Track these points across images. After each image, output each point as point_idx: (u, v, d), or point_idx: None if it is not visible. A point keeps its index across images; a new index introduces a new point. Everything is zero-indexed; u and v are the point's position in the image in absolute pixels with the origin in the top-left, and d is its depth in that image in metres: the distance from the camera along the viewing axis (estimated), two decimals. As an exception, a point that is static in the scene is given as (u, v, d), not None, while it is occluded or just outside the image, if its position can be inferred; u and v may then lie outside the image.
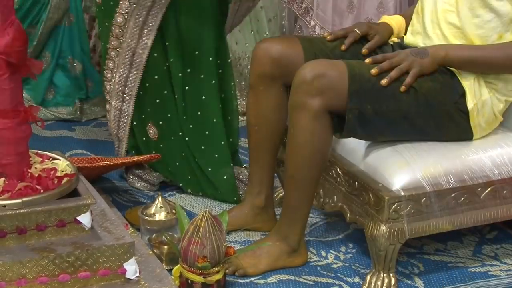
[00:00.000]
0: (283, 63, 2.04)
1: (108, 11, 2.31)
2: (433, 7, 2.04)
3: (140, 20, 2.28)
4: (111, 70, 2.38)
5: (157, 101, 2.39)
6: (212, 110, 2.39)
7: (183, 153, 2.42)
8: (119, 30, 2.31)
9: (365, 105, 1.88)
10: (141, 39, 2.31)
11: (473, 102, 1.95)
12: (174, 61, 2.35)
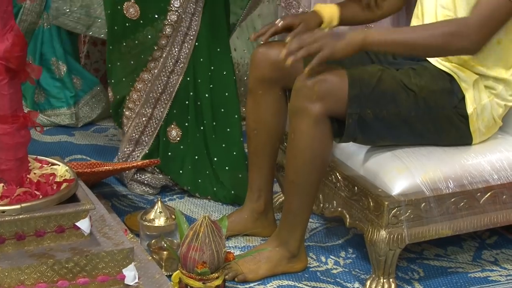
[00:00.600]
0: (281, 67, 2.00)
1: (152, 25, 2.32)
2: (433, 11, 2.03)
3: (185, 27, 2.31)
4: (144, 81, 2.38)
5: (186, 102, 2.41)
6: (234, 106, 2.42)
7: (196, 156, 2.43)
8: (165, 40, 2.33)
9: (365, 110, 1.88)
10: (184, 45, 2.34)
11: (472, 107, 1.95)
12: (203, 61, 2.37)
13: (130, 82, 2.41)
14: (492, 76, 1.98)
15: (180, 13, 2.29)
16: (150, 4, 2.30)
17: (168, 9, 2.29)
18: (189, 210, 2.41)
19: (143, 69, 2.38)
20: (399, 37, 1.86)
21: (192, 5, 2.29)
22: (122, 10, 2.32)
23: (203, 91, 2.39)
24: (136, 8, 2.32)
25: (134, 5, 2.31)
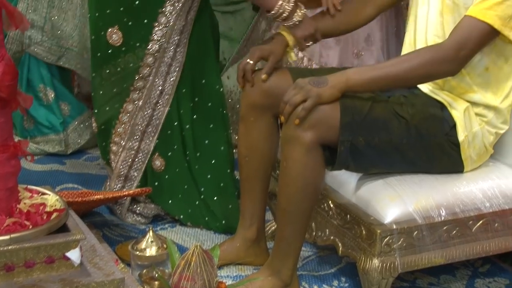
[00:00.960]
0: (273, 94, 2.05)
1: (134, 52, 2.32)
2: (423, 38, 2.06)
3: (169, 57, 2.31)
4: (128, 112, 2.38)
5: (168, 132, 2.40)
6: (219, 138, 2.41)
7: (186, 186, 2.43)
8: (147, 70, 2.32)
9: (357, 137, 1.88)
10: (168, 76, 2.34)
11: (464, 134, 1.95)
12: (185, 92, 2.37)
13: (114, 113, 2.40)
14: (483, 103, 1.99)
15: (163, 43, 2.29)
16: (133, 32, 2.30)
17: (150, 39, 2.29)
18: (181, 239, 2.39)
19: (126, 100, 2.37)
20: (380, 73, 1.90)
21: (177, 36, 2.29)
22: (106, 36, 2.32)
23: (185, 121, 2.39)
24: (119, 34, 2.31)
25: (118, 31, 2.31)
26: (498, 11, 1.85)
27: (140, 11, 2.26)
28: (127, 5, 2.26)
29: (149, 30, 2.27)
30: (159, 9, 2.25)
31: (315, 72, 2.15)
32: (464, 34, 1.87)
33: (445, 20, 1.99)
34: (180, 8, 2.26)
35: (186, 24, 2.30)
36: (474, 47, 1.89)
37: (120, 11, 2.27)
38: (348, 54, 2.89)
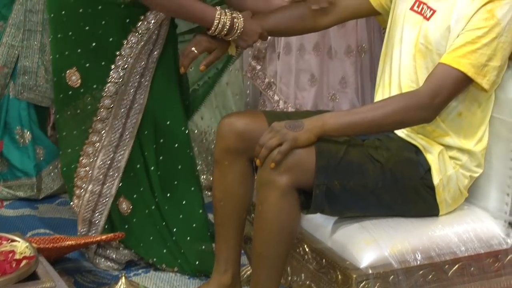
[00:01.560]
0: (248, 137, 2.06)
1: (91, 94, 2.31)
2: (397, 81, 2.09)
3: (128, 100, 2.31)
4: (89, 155, 2.36)
5: (131, 174, 2.39)
6: (189, 178, 2.41)
7: (157, 227, 2.40)
8: (105, 113, 2.31)
9: (332, 181, 1.89)
10: (128, 119, 2.33)
11: (438, 178, 1.97)
12: (148, 134, 2.36)
13: (75, 155, 2.39)
14: (457, 147, 2.02)
15: (121, 85, 2.29)
16: (90, 74, 2.30)
17: (107, 81, 2.29)
18: (155, 285, 2.37)
19: (85, 142, 2.36)
20: (356, 118, 1.93)
21: (137, 79, 2.30)
22: (65, 77, 2.32)
23: (150, 163, 2.38)
24: (77, 76, 2.31)
25: (76, 73, 2.31)
26: (472, 59, 1.89)
27: (97, 53, 2.27)
28: (84, 47, 2.27)
29: (106, 72, 2.28)
30: (116, 52, 2.26)
31: (291, 115, 2.17)
32: (439, 81, 1.91)
33: (418, 64, 2.02)
34: (140, 51, 2.27)
35: (147, 67, 2.31)
36: (448, 95, 1.92)
37: (78, 52, 2.28)
38: (323, 96, 2.92)
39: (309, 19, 2.23)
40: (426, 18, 2.02)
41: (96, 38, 2.25)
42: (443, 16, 1.97)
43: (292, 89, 2.89)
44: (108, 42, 2.25)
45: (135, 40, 2.25)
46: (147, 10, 2.24)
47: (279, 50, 2.87)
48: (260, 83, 2.98)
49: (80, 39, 2.26)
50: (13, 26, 3.00)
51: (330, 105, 2.88)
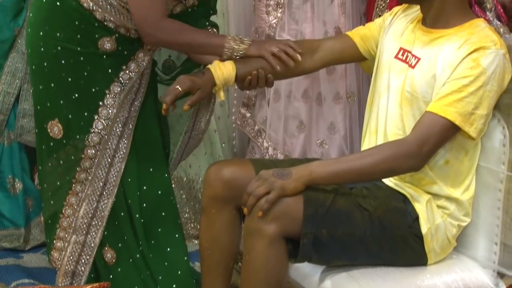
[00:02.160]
0: (235, 185, 2.07)
1: (74, 145, 2.30)
2: (383, 129, 2.11)
3: (111, 149, 2.30)
4: (72, 205, 2.34)
5: (115, 223, 2.36)
6: (173, 225, 2.39)
7: (142, 276, 2.37)
8: (89, 162, 2.30)
9: (320, 230, 1.90)
10: (111, 168, 2.32)
11: (426, 227, 1.98)
12: (131, 181, 2.35)
13: (58, 206, 2.36)
14: (444, 195, 2.03)
15: (104, 135, 2.29)
16: (72, 124, 2.29)
17: (90, 131, 2.28)
18: (141, 334, 2.33)
19: (69, 192, 2.33)
20: (344, 167, 1.95)
21: (119, 127, 2.30)
22: (47, 129, 2.31)
23: (134, 211, 2.37)
24: (59, 127, 2.29)
25: (58, 124, 2.29)
26: (458, 108, 1.92)
27: (80, 104, 2.27)
28: (66, 98, 2.27)
29: (89, 122, 2.27)
30: (99, 102, 2.26)
31: (278, 163, 2.18)
32: (426, 130, 1.93)
33: (404, 112, 2.05)
34: (122, 100, 2.28)
35: (129, 116, 2.31)
36: (436, 143, 1.94)
37: (60, 104, 2.27)
38: (311, 143, 2.93)
39: (295, 65, 2.24)
40: (411, 66, 2.06)
41: (78, 89, 2.25)
42: (428, 64, 2.01)
43: (281, 135, 2.90)
44: (91, 93, 2.25)
45: (118, 90, 2.26)
46: (129, 59, 2.26)
47: (268, 97, 2.88)
48: (249, 130, 2.98)
49: (62, 90, 2.26)
50: (9, 74, 3.02)
51: (318, 152, 2.89)
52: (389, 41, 2.16)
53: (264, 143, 2.92)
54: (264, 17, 2.83)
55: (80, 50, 2.20)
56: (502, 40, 1.99)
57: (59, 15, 2.21)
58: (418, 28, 2.09)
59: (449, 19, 2.02)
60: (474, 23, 2.01)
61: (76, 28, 2.19)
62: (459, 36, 1.98)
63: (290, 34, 2.80)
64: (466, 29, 1.99)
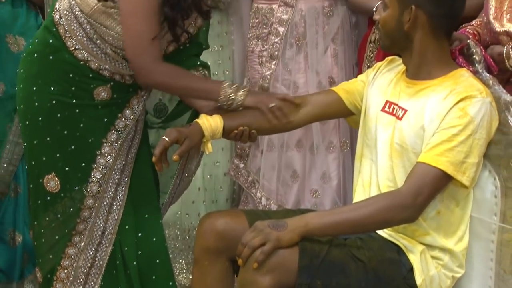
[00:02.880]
0: (228, 237, 2.08)
1: (72, 197, 2.30)
2: (376, 181, 2.13)
3: (109, 197, 2.30)
4: (70, 257, 2.33)
5: (114, 272, 2.35)
6: (166, 273, 2.37)
7: None
8: (87, 212, 2.30)
9: (315, 281, 1.90)
10: (110, 215, 2.32)
11: (421, 278, 1.98)
12: (129, 229, 2.34)
13: (56, 259, 2.34)
14: (438, 246, 2.04)
15: (102, 183, 2.29)
16: (70, 176, 2.29)
17: (88, 181, 2.28)
18: None
19: (67, 244, 2.32)
20: (339, 218, 1.97)
21: (117, 176, 2.30)
22: (43, 183, 2.30)
23: (130, 259, 2.35)
24: (56, 180, 2.29)
25: (55, 177, 2.29)
26: (450, 157, 1.94)
27: (76, 155, 2.27)
28: (62, 151, 2.27)
29: (87, 172, 2.28)
30: (97, 151, 2.27)
31: (271, 214, 2.21)
32: (419, 180, 1.95)
33: (395, 163, 2.07)
34: (120, 148, 2.29)
35: (126, 163, 2.32)
36: (430, 193, 1.96)
37: (56, 157, 2.27)
38: (305, 192, 2.97)
39: (281, 119, 2.27)
40: (398, 118, 2.09)
41: (75, 141, 2.26)
42: (415, 115, 2.04)
43: (274, 185, 2.94)
44: (88, 143, 2.27)
45: (115, 138, 2.28)
46: (124, 107, 2.28)
47: (262, 147, 2.93)
48: (243, 181, 3.02)
49: (58, 144, 2.27)
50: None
51: (312, 201, 2.93)
52: (374, 95, 2.20)
53: (258, 194, 2.96)
54: (257, 68, 2.94)
55: (75, 103, 2.22)
56: (487, 89, 2.03)
57: (52, 69, 2.23)
58: (402, 80, 2.14)
59: (431, 70, 2.07)
60: (457, 72, 2.06)
61: (71, 81, 2.21)
62: (444, 86, 2.03)
63: (284, 84, 2.89)
64: (450, 79, 2.04)
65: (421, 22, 2.04)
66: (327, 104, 2.30)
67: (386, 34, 2.12)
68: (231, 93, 2.21)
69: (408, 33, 2.05)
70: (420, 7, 2.02)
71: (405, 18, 2.04)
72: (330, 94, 2.32)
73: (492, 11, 2.29)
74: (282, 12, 2.87)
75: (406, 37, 2.06)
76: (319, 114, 2.32)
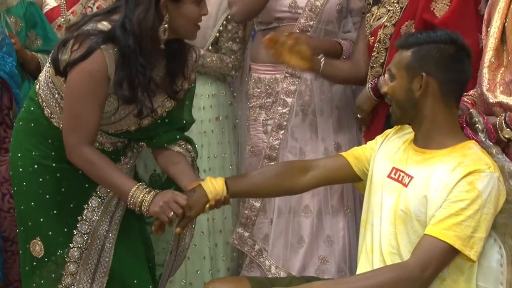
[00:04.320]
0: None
1: (56, 263, 2.32)
2: (379, 248, 2.13)
3: (93, 264, 2.32)
4: None
5: None
6: None
7: None
8: (71, 278, 2.32)
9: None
10: (94, 283, 2.33)
11: None
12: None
13: None
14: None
15: (84, 250, 2.32)
16: (53, 241, 2.32)
17: (70, 246, 2.31)
18: None
19: None
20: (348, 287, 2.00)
21: (100, 242, 2.33)
22: (30, 248, 2.35)
23: None
24: (40, 245, 2.33)
25: (39, 242, 2.34)
26: (458, 231, 1.96)
27: (58, 220, 2.31)
28: (45, 215, 2.32)
29: (69, 237, 2.31)
30: (78, 217, 2.31)
31: (275, 281, 2.25)
32: (427, 253, 1.97)
33: (398, 230, 2.08)
34: (102, 214, 2.32)
35: (110, 229, 2.34)
36: (437, 267, 1.97)
37: (40, 222, 2.32)
38: (313, 257, 2.98)
39: (287, 180, 2.31)
40: (404, 184, 2.10)
41: (56, 205, 2.30)
42: (421, 183, 2.05)
43: (281, 250, 2.96)
44: (69, 208, 2.31)
45: (96, 204, 2.32)
46: None
47: (271, 216, 2.97)
48: (249, 249, 3.04)
49: (41, 208, 2.32)
50: None
51: (317, 266, 2.95)
52: (381, 161, 2.23)
53: (267, 262, 2.98)
54: (261, 136, 3.00)
55: (55, 166, 2.29)
56: (495, 162, 2.04)
57: (34, 134, 2.31)
58: (410, 148, 2.16)
59: (440, 139, 2.09)
60: (466, 145, 2.07)
61: (50, 146, 2.29)
62: (452, 157, 2.04)
63: (291, 152, 2.94)
64: (458, 151, 2.05)
65: (431, 89, 2.07)
66: (336, 168, 2.33)
67: (396, 104, 2.14)
68: (141, 195, 2.18)
69: (419, 101, 2.09)
70: (430, 74, 2.07)
71: (415, 86, 2.08)
72: (339, 159, 2.35)
73: (486, 83, 2.33)
74: (289, 83, 2.95)
75: (416, 105, 2.10)
76: (327, 178, 2.35)
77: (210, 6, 2.90)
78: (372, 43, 2.75)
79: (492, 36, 2.34)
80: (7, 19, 3.13)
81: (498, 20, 2.34)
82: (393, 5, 2.69)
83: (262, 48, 2.88)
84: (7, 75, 2.85)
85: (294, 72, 2.92)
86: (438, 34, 2.14)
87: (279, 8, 2.89)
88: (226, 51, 3.14)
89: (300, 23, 2.90)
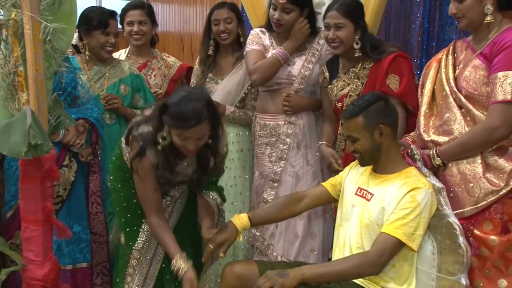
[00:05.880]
0: (243, 279, 2.45)
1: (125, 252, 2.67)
2: (349, 245, 2.44)
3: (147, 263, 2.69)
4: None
5: None
6: None
7: None
8: (135, 262, 2.67)
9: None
10: (151, 267, 2.66)
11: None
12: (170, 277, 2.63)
13: None
14: (394, 290, 2.35)
15: (145, 243, 2.64)
16: (128, 234, 2.68)
17: (138, 240, 2.67)
18: None
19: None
20: (326, 269, 2.34)
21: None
22: (120, 239, 2.73)
23: None
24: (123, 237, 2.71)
25: (123, 235, 2.72)
26: (404, 230, 2.30)
27: (132, 220, 2.69)
28: (125, 216, 2.70)
29: (137, 233, 2.65)
30: (143, 219, 2.66)
31: (275, 264, 2.56)
32: (382, 246, 2.30)
33: (363, 232, 2.42)
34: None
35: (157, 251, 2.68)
36: (390, 255, 2.32)
37: (122, 221, 2.73)
38: (304, 248, 3.28)
39: (289, 208, 2.65)
40: (367, 200, 2.43)
41: (131, 211, 2.70)
42: (379, 198, 2.39)
43: (281, 244, 3.27)
44: (138, 214, 2.67)
45: None
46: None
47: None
48: (259, 245, 3.34)
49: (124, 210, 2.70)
50: None
51: (306, 254, 3.28)
52: (349, 184, 2.57)
53: (274, 253, 3.28)
54: (268, 165, 3.34)
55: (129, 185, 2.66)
56: (429, 182, 2.38)
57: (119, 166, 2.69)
58: (370, 174, 2.51)
59: (391, 167, 2.44)
60: (409, 170, 2.42)
61: (128, 176, 2.69)
62: (399, 179, 2.38)
63: (289, 175, 3.27)
64: (404, 174, 2.40)
65: (387, 132, 2.37)
66: (319, 196, 2.67)
67: (365, 154, 2.41)
68: (180, 263, 2.50)
69: (381, 144, 2.38)
70: (384, 123, 2.37)
71: (377, 136, 2.36)
72: (321, 188, 2.67)
73: (422, 127, 2.61)
74: (288, 128, 3.27)
75: (378, 148, 2.39)
76: (315, 203, 2.71)
77: (239, 76, 3.41)
78: (340, 108, 3.03)
79: (426, 95, 2.63)
80: (120, 86, 3.49)
81: (429, 84, 2.63)
82: (353, 81, 3.02)
83: (266, 103, 3.31)
84: (95, 120, 3.08)
85: (291, 121, 3.25)
86: (369, 96, 2.43)
87: (279, 76, 3.26)
88: (250, 107, 3.50)
89: (294, 86, 3.27)
